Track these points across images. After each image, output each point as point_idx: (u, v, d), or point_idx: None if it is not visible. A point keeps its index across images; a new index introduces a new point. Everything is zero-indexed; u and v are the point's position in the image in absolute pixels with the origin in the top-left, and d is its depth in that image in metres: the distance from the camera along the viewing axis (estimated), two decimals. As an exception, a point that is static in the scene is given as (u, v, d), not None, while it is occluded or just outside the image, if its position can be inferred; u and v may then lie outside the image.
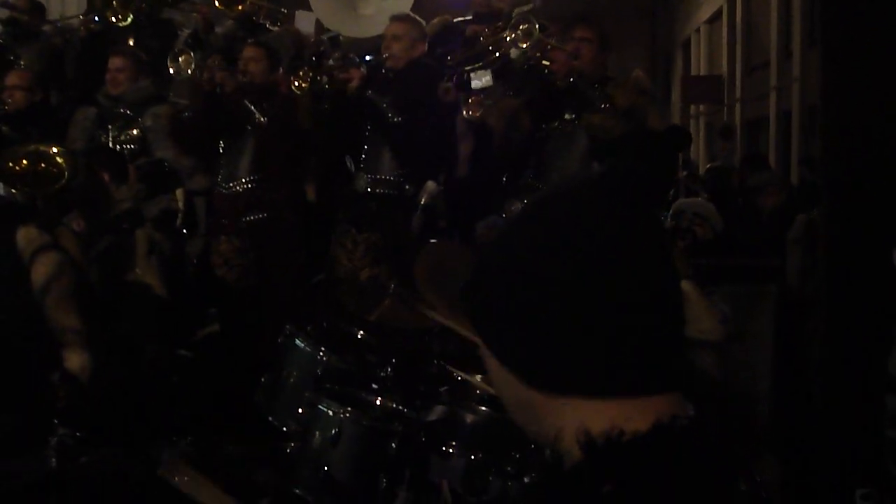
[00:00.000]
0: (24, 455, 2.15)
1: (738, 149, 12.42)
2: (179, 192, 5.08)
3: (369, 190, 4.33)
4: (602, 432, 0.97)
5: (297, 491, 2.56)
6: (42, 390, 2.92)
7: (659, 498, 0.92)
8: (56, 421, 2.04)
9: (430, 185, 4.19)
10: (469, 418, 3.06)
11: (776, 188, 6.71)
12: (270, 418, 2.86)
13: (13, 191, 4.35)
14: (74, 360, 2.96)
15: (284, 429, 2.79)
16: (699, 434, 0.99)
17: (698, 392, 1.05)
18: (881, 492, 2.96)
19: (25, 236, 2.94)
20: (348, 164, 4.59)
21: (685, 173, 7.88)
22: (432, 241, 3.89)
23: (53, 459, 2.01)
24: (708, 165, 10.06)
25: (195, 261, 4.88)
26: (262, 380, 2.97)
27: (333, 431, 2.49)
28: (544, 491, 1.03)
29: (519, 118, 4.11)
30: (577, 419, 0.99)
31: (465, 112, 4.20)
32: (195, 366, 4.32)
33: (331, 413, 2.53)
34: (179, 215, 5.01)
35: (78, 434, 2.05)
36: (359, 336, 3.11)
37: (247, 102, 4.33)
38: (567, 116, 4.14)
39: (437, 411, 3.02)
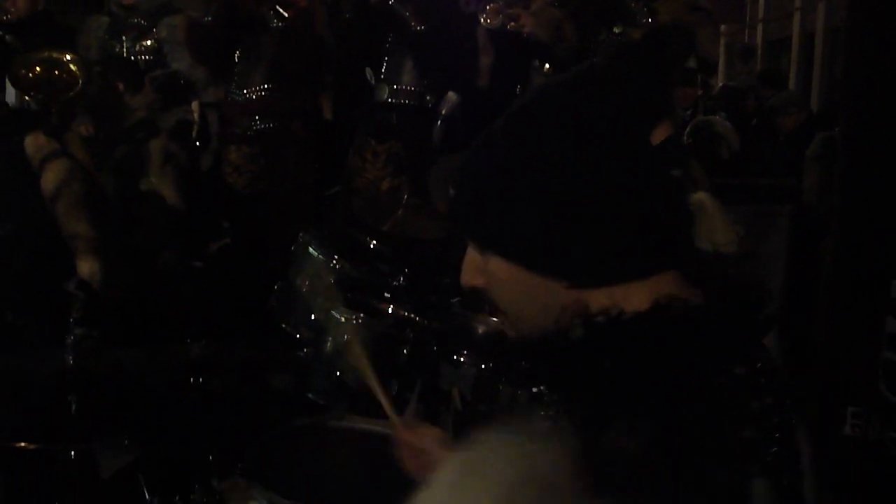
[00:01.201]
0: (42, 354, 2.19)
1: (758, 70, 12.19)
2: (195, 104, 5.06)
3: (390, 100, 4.29)
4: (602, 310, 1.00)
5: (311, 396, 2.61)
6: (58, 295, 2.96)
7: (656, 375, 0.93)
8: (72, 321, 2.06)
9: (452, 95, 4.14)
10: (480, 329, 3.09)
11: (795, 108, 6.62)
12: (283, 325, 2.89)
13: (27, 98, 4.34)
14: (85, 266, 3.00)
15: (297, 335, 2.82)
16: (699, 315, 1.00)
17: (706, 277, 1.06)
18: (870, 411, 3.01)
19: (34, 143, 2.94)
20: (368, 75, 4.53)
21: (701, 92, 7.77)
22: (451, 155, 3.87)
23: (71, 358, 2.04)
24: (721, 84, 9.88)
25: (207, 173, 4.88)
26: (276, 287, 2.99)
27: (346, 338, 2.52)
28: (545, 366, 1.05)
29: (564, 29, 4.03)
30: (580, 301, 1.02)
31: (483, 20, 4.11)
32: (208, 275, 4.37)
33: (343, 319, 2.56)
34: (195, 127, 5.00)
35: (94, 334, 2.08)
36: (372, 245, 3.12)
37: (264, 10, 4.26)
38: (616, 30, 4.05)
39: (449, 321, 3.04)
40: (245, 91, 4.40)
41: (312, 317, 2.67)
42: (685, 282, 1.05)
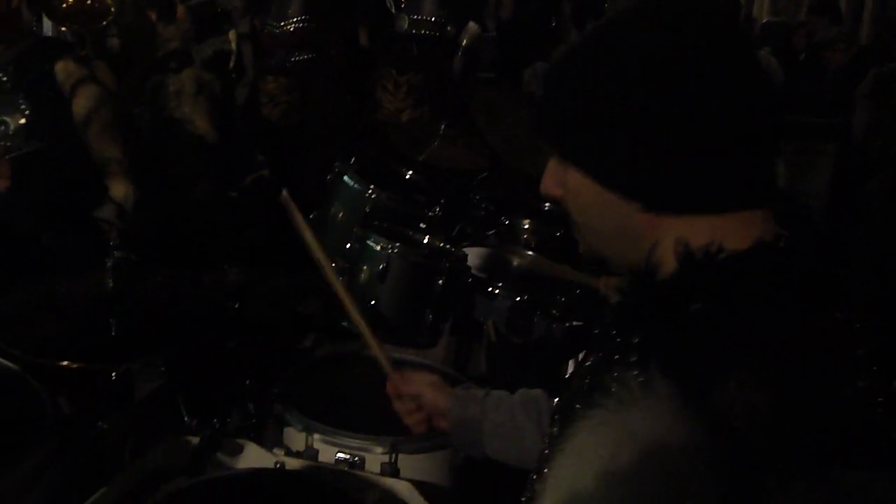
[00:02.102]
0: (81, 277, 2.20)
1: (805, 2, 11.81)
2: (232, 34, 5.02)
3: (411, 31, 4.23)
4: (701, 247, 0.94)
5: (344, 324, 2.61)
6: (92, 221, 2.99)
7: (749, 321, 0.88)
8: (111, 244, 2.07)
9: (472, 26, 4.08)
10: (515, 261, 3.08)
11: (844, 44, 6.41)
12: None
13: (62, 29, 4.33)
14: (118, 189, 3.02)
15: (332, 264, 2.81)
16: (799, 256, 0.94)
17: (789, 217, 1.01)
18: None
19: (64, 70, 2.94)
20: (388, 5, 4.47)
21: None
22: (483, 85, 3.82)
23: (110, 281, 2.05)
24: (765, 20, 9.60)
25: (242, 105, 4.86)
26: (310, 216, 2.98)
27: (381, 266, 2.51)
28: (631, 303, 1.00)
29: None
30: (676, 234, 0.96)
31: None
32: (243, 206, 4.37)
33: (379, 248, 2.55)
34: (232, 57, 4.97)
35: (133, 258, 2.08)
36: (407, 175, 3.09)
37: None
38: None
39: (484, 253, 3.03)
40: (282, 23, 4.35)
41: (347, 246, 2.66)
42: (773, 219, 0.98)
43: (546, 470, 1.05)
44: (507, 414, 1.66)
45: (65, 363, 1.87)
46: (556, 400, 1.27)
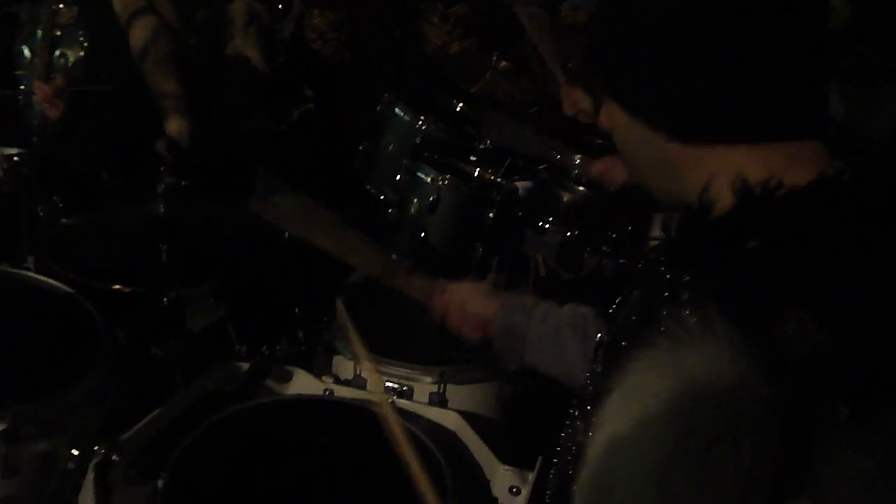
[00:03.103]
0: (133, 202, 2.22)
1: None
2: (278, -35, 4.94)
3: None
4: (760, 181, 0.89)
5: (395, 257, 2.60)
6: (149, 154, 3.00)
7: (810, 258, 0.83)
8: (162, 169, 2.08)
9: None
10: (566, 197, 3.03)
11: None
12: (367, 186, 2.87)
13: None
14: (173, 124, 3.01)
15: (381, 197, 2.80)
16: (864, 191, 0.88)
17: (842, 148, 0.95)
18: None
19: (121, 1, 2.92)
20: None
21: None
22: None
23: (161, 206, 2.06)
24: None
25: (289, 40, 4.81)
26: (360, 148, 2.96)
27: (431, 198, 2.48)
28: (684, 239, 0.97)
29: None
30: (730, 168, 0.91)
31: None
32: (291, 139, 4.36)
33: (429, 180, 2.51)
34: (279, -11, 4.90)
35: (184, 184, 2.08)
36: (458, 108, 3.04)
37: None
38: None
39: (535, 187, 2.98)
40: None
41: (397, 177, 2.63)
42: (827, 153, 0.93)
43: (590, 409, 1.03)
44: (553, 327, 1.63)
45: (118, 287, 1.89)
46: (599, 335, 1.23)
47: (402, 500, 1.60)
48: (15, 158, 2.50)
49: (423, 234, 2.50)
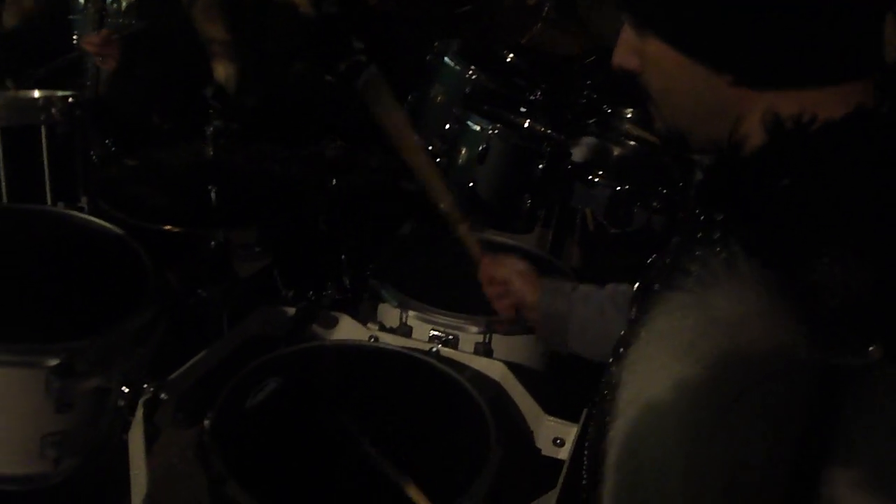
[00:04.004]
0: (183, 145, 2.22)
1: None
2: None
3: None
4: (791, 116, 0.85)
5: (441, 206, 2.57)
6: (198, 97, 3.00)
7: (845, 196, 0.79)
8: (211, 112, 2.07)
9: None
10: (616, 151, 2.98)
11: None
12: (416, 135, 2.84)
13: None
14: (221, 70, 3.02)
15: (429, 146, 2.77)
16: None
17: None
18: None
19: None
20: None
21: None
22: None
23: (210, 148, 2.06)
24: None
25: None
26: (408, 97, 2.93)
27: (481, 148, 2.46)
28: (715, 179, 0.94)
29: None
30: (765, 107, 0.88)
31: None
32: (339, 89, 4.34)
33: (479, 129, 2.49)
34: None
35: (233, 127, 2.08)
36: (508, 58, 3.00)
37: None
38: None
39: (584, 141, 2.94)
40: None
41: (446, 127, 2.60)
42: (872, 90, 0.88)
43: (622, 350, 1.00)
44: (596, 308, 1.61)
45: (167, 227, 1.89)
46: (637, 283, 1.21)
47: (442, 449, 1.61)
48: (70, 101, 2.52)
49: (471, 184, 2.48)
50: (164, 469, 1.68)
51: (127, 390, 1.72)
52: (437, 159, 2.66)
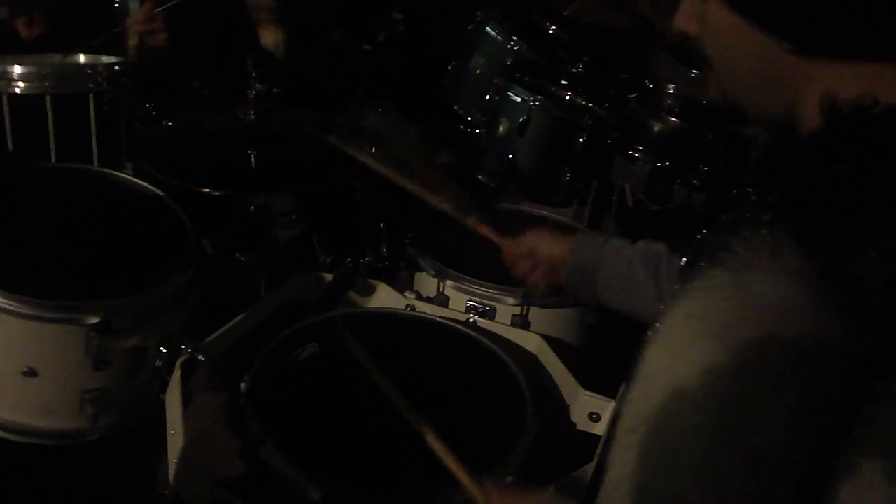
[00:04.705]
0: (225, 110, 2.22)
1: None
2: None
3: None
4: (851, 99, 0.82)
5: (480, 177, 2.56)
6: (241, 64, 3.00)
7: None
8: (253, 75, 2.06)
9: None
10: (657, 126, 2.94)
11: None
12: (455, 106, 2.82)
13: None
14: (269, 35, 3.01)
15: (469, 117, 2.75)
16: None
17: None
18: None
19: None
20: None
21: None
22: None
23: (252, 112, 2.05)
24: None
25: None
26: (449, 67, 2.90)
27: (521, 119, 2.43)
28: (770, 158, 0.91)
29: None
30: (824, 84, 0.85)
31: None
32: (378, 58, 4.31)
33: (520, 100, 2.46)
34: None
35: (275, 90, 2.07)
36: (551, 30, 2.96)
37: None
38: None
39: (626, 115, 2.90)
40: None
41: (486, 97, 2.58)
42: None
43: (658, 325, 0.98)
44: (625, 263, 1.59)
45: (207, 190, 1.89)
46: (684, 259, 1.18)
47: (478, 419, 1.60)
48: (116, 68, 2.53)
49: (510, 156, 2.46)
50: (198, 431, 1.69)
51: (164, 351, 1.73)
52: (476, 130, 2.63)
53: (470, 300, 2.03)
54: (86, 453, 1.90)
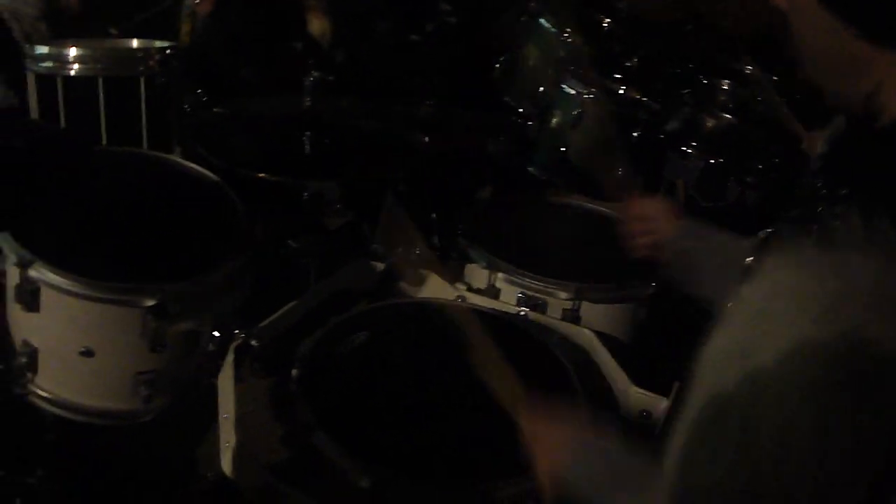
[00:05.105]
0: (278, 96, 2.23)
1: None
2: None
3: None
4: None
5: (531, 170, 2.55)
6: (285, 51, 3.02)
7: None
8: (311, 62, 2.07)
9: None
10: (710, 122, 2.90)
11: None
12: (507, 98, 2.81)
13: None
14: (316, 24, 3.01)
15: (520, 109, 2.73)
16: None
17: None
18: None
19: None
20: None
21: None
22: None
23: (307, 99, 2.06)
24: None
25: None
26: (500, 59, 2.89)
27: (575, 112, 2.41)
28: (844, 148, 0.90)
29: None
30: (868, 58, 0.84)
31: None
32: (426, 49, 4.30)
33: (574, 93, 2.43)
34: None
35: (330, 79, 2.07)
36: (605, 24, 2.93)
37: None
38: None
39: (679, 111, 2.87)
40: None
41: (540, 90, 2.56)
42: None
43: (734, 304, 0.96)
44: (726, 258, 1.56)
45: (262, 175, 1.90)
46: (749, 259, 1.16)
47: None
48: (168, 52, 2.55)
49: (562, 150, 2.44)
50: (249, 416, 1.70)
51: (218, 335, 1.75)
52: (528, 122, 2.61)
53: (521, 293, 2.01)
54: (137, 434, 1.92)
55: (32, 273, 1.67)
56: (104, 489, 2.06)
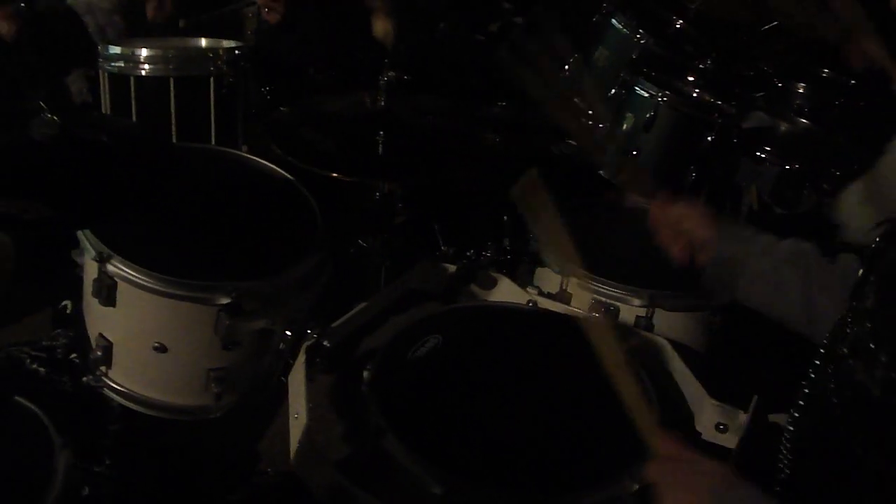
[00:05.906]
0: (349, 95, 2.22)
1: None
2: None
3: None
4: None
5: (601, 172, 2.50)
6: (355, 52, 3.02)
7: None
8: (386, 61, 2.06)
9: None
10: (783, 127, 2.82)
11: None
12: (576, 99, 2.76)
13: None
14: (380, 26, 3.02)
15: (590, 111, 2.68)
16: None
17: None
18: None
19: None
20: None
21: None
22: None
23: (382, 98, 2.05)
24: None
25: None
26: (570, 60, 2.84)
27: (648, 115, 2.36)
28: None
29: None
30: None
31: None
32: (489, 50, 4.28)
33: (647, 96, 2.39)
34: None
35: (404, 78, 2.06)
36: (678, 25, 2.86)
37: None
38: None
39: (753, 116, 2.80)
40: None
41: (611, 91, 2.51)
42: None
43: (874, 347, 0.91)
44: (772, 263, 1.49)
45: (336, 175, 1.89)
46: (862, 271, 1.11)
47: (600, 424, 1.55)
48: (236, 52, 2.57)
49: (634, 153, 2.39)
50: (319, 415, 1.69)
51: (290, 334, 1.75)
52: (599, 125, 2.57)
53: (593, 298, 1.97)
54: (207, 430, 1.93)
55: (110, 268, 1.69)
56: (168, 480, 2.08)
